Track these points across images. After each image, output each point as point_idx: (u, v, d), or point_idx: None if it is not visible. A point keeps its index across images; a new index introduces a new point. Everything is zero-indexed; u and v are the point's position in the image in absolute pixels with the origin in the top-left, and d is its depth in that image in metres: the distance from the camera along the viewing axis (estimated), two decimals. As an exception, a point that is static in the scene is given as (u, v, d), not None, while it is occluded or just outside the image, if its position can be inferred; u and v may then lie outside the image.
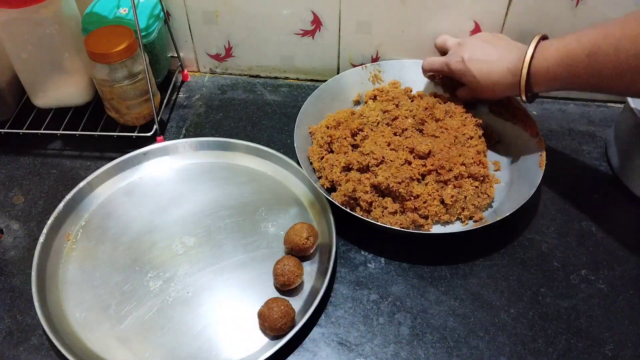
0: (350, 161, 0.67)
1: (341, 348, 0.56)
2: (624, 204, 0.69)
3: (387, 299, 0.60)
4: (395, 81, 0.80)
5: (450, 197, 0.64)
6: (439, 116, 0.72)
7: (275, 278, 0.59)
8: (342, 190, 0.65)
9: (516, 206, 0.62)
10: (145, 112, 0.76)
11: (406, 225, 0.63)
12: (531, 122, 0.71)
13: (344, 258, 0.64)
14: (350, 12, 0.79)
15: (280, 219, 0.68)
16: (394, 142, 0.68)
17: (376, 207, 0.64)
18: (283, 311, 0.55)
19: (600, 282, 0.61)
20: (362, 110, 0.75)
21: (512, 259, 0.64)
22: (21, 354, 0.56)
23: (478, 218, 0.66)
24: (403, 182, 0.63)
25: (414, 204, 0.64)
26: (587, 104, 0.84)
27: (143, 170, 0.74)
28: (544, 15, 0.75)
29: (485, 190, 0.67)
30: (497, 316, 0.59)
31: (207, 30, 0.85)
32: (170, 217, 0.68)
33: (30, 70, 0.74)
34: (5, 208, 0.71)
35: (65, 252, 0.65)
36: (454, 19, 0.78)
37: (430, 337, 0.57)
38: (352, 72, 0.80)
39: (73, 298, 0.61)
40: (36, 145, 0.79)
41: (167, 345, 0.57)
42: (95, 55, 0.69)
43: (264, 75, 0.91)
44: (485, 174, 0.67)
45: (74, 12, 0.74)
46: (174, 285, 0.62)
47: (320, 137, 0.71)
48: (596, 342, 0.56)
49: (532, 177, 0.66)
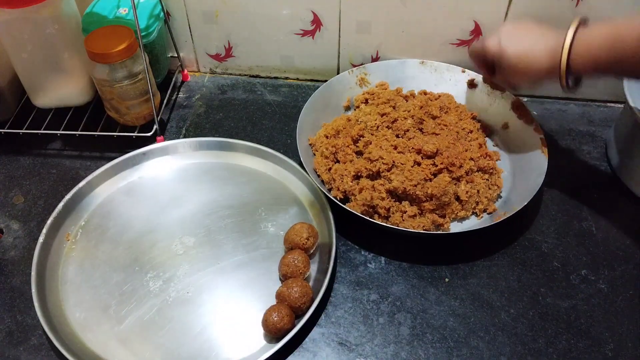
0: (359, 169, 0.66)
1: (341, 348, 0.56)
2: (624, 204, 0.69)
3: (387, 299, 0.60)
4: (382, 82, 0.80)
5: (465, 193, 0.65)
6: (435, 113, 0.73)
7: (280, 268, 0.60)
8: (359, 200, 0.65)
9: (529, 195, 0.63)
10: (145, 112, 0.76)
11: (428, 226, 0.63)
12: (525, 111, 0.73)
13: (344, 258, 0.64)
14: (350, 12, 0.79)
15: (280, 219, 0.68)
16: (399, 144, 0.68)
17: (394, 212, 0.64)
18: (303, 291, 0.57)
19: (600, 282, 0.61)
20: (357, 115, 0.75)
21: (512, 259, 0.64)
22: (21, 354, 0.56)
23: (492, 210, 0.67)
24: (419, 185, 0.63)
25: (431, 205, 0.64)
26: (587, 104, 0.84)
27: (143, 170, 0.74)
28: (544, 15, 0.75)
29: (495, 182, 0.68)
30: (497, 316, 0.59)
31: (207, 30, 0.85)
32: (170, 217, 0.68)
33: (30, 70, 0.74)
34: (5, 208, 0.71)
35: (65, 252, 0.65)
36: (454, 19, 0.78)
37: (430, 337, 0.57)
38: (339, 79, 0.79)
39: (73, 298, 0.61)
40: (36, 145, 0.79)
41: (167, 345, 0.57)
42: (95, 55, 0.69)
43: (264, 75, 0.91)
44: (493, 166, 0.69)
45: (74, 12, 0.74)
46: (173, 285, 0.62)
47: (324, 148, 0.71)
48: (596, 342, 0.56)
49: (537, 164, 0.67)
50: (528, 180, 0.66)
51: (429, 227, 0.63)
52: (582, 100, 0.84)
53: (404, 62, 0.81)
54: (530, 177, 0.67)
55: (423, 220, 0.64)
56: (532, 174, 0.67)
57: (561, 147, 0.77)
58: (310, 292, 0.58)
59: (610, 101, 0.83)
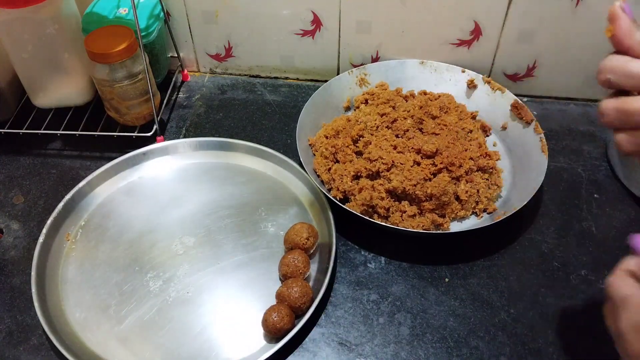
0: (359, 169, 0.66)
1: (341, 348, 0.56)
2: (624, 204, 0.69)
3: (387, 299, 0.60)
4: (382, 82, 0.80)
5: (464, 193, 0.65)
6: (435, 113, 0.73)
7: (280, 268, 0.60)
8: (358, 200, 0.64)
9: (529, 195, 0.63)
10: (145, 112, 0.76)
11: (427, 226, 0.63)
12: (525, 111, 0.73)
13: (344, 258, 0.64)
14: (350, 12, 0.79)
15: (280, 219, 0.68)
16: (398, 144, 0.68)
17: (394, 212, 0.64)
18: (303, 291, 0.57)
19: (600, 282, 0.61)
20: (357, 116, 0.75)
21: (512, 259, 0.64)
22: (21, 354, 0.56)
23: (492, 209, 0.67)
24: (418, 184, 0.63)
25: (431, 205, 0.64)
26: (587, 104, 0.84)
27: (143, 170, 0.74)
28: (544, 15, 0.75)
29: (495, 181, 0.68)
30: (497, 316, 0.59)
31: (207, 30, 0.85)
32: (170, 217, 0.68)
33: (30, 70, 0.74)
34: (5, 208, 0.71)
35: (65, 252, 0.65)
36: (454, 19, 0.78)
37: (430, 337, 0.57)
38: (339, 79, 0.79)
39: (73, 298, 0.61)
40: (36, 145, 0.79)
41: (167, 345, 0.57)
42: (95, 55, 0.69)
43: (264, 75, 0.91)
44: (492, 165, 0.69)
45: (74, 12, 0.74)
46: (173, 285, 0.62)
47: (323, 148, 0.71)
48: (596, 342, 0.56)
49: (537, 164, 0.67)
50: (528, 180, 0.66)
51: (429, 227, 0.63)
52: (582, 100, 0.84)
53: (403, 63, 0.81)
54: (530, 177, 0.67)
55: (423, 220, 0.64)
56: (532, 173, 0.67)
57: (561, 147, 0.77)
58: (310, 292, 0.58)
59: (610, 101, 0.83)
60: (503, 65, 0.82)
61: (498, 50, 0.80)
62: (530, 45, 0.79)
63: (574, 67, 0.80)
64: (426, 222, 0.63)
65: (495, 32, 0.78)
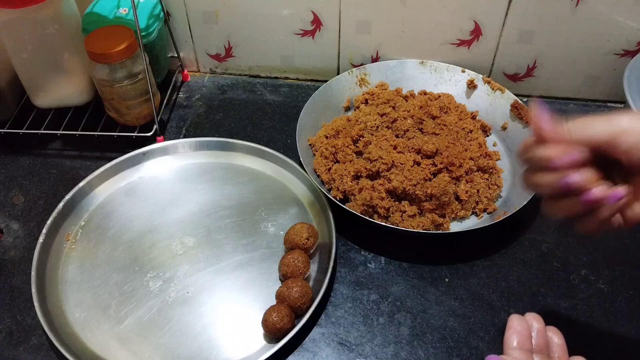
0: (359, 169, 0.66)
1: (341, 348, 0.56)
2: (624, 204, 0.69)
3: (387, 299, 0.60)
4: (382, 82, 0.80)
5: (464, 193, 0.65)
6: (435, 113, 0.73)
7: (280, 268, 0.60)
8: (359, 200, 0.64)
9: (529, 194, 0.63)
10: (145, 112, 0.76)
11: (427, 226, 0.63)
12: (524, 110, 0.73)
13: (344, 258, 0.64)
14: (350, 12, 0.79)
15: (280, 219, 0.68)
16: (398, 144, 0.68)
17: (394, 212, 0.64)
18: (303, 291, 0.57)
19: (600, 282, 0.61)
20: (357, 116, 0.75)
21: (512, 259, 0.64)
22: (21, 354, 0.56)
23: (492, 209, 0.67)
24: (418, 184, 0.63)
25: (431, 205, 0.64)
26: (587, 104, 0.84)
27: (143, 170, 0.74)
28: (544, 15, 0.75)
29: (495, 181, 0.68)
30: (497, 316, 0.59)
31: (207, 30, 0.85)
32: (170, 217, 0.68)
33: (30, 70, 0.74)
34: (5, 208, 0.71)
35: (65, 252, 0.65)
36: (454, 19, 0.78)
37: (430, 337, 0.57)
38: (339, 79, 0.80)
39: (73, 298, 0.61)
40: (36, 145, 0.79)
41: (167, 345, 0.57)
42: (95, 55, 0.69)
43: (264, 75, 0.91)
44: (492, 165, 0.69)
45: (74, 12, 0.74)
46: (173, 285, 0.62)
47: (324, 148, 0.71)
48: (596, 342, 0.56)
49: None
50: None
51: (429, 227, 0.63)
52: (582, 100, 0.84)
53: (403, 63, 0.81)
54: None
55: (423, 220, 0.64)
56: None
57: (561, 147, 0.77)
58: (310, 292, 0.58)
59: (610, 101, 0.83)
60: (503, 65, 0.82)
61: (498, 50, 0.80)
62: (530, 46, 0.79)
63: (574, 67, 0.80)
64: (426, 222, 0.63)
65: (495, 32, 0.78)
